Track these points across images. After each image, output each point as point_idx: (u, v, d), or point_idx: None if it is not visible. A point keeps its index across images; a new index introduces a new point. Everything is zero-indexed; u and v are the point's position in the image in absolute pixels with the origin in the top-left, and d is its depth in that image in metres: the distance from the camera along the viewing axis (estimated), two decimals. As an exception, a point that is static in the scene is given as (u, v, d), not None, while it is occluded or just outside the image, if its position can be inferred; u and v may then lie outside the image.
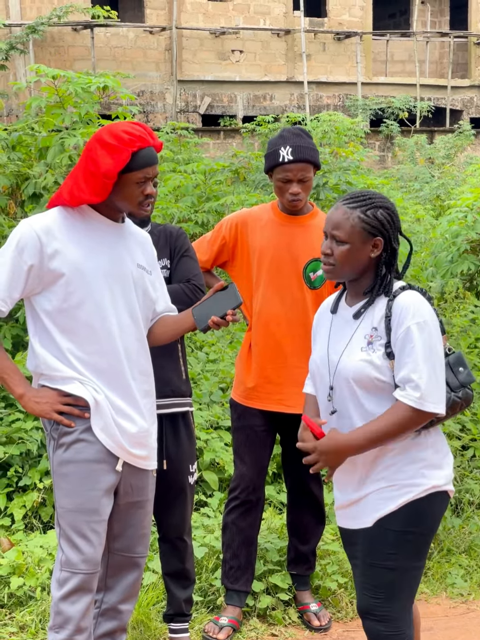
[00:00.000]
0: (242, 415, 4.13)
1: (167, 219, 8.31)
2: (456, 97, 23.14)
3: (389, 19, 25.94)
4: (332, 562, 4.55)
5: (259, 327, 4.06)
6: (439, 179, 14.74)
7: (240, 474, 4.13)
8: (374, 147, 19.84)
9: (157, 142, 3.04)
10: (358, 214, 2.87)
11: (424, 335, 2.78)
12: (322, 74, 21.91)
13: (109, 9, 12.17)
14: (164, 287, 3.31)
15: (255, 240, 4.05)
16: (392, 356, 2.82)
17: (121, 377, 3.05)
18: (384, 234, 2.88)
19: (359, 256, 2.89)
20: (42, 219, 3.03)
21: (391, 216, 2.90)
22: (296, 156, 3.94)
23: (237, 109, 21.14)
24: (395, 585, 2.87)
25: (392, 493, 2.85)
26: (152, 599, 4.11)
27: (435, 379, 2.79)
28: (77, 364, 3.00)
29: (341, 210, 2.90)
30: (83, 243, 3.01)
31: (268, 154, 4.04)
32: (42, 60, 18.42)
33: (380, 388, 2.84)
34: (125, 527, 3.17)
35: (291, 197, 3.98)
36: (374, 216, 2.87)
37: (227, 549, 4.15)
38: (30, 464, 4.98)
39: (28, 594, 4.14)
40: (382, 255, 2.91)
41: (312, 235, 4.06)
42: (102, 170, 2.93)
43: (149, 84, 20.31)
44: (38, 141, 7.04)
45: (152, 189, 3.04)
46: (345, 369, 2.87)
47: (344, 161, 11.13)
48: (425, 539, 2.91)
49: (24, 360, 5.39)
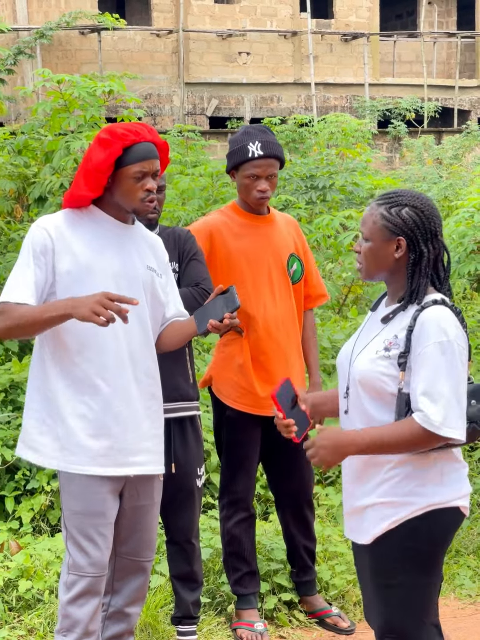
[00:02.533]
0: (244, 427, 4.05)
1: (174, 221, 8.32)
2: (464, 97, 23.11)
3: (396, 19, 25.94)
4: (340, 562, 4.54)
5: (261, 332, 4.00)
6: (446, 179, 14.71)
7: (245, 487, 4.10)
8: (382, 148, 19.83)
9: (157, 139, 3.03)
10: (381, 211, 2.74)
11: (445, 356, 2.62)
12: (329, 76, 21.92)
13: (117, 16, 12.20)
14: (175, 292, 3.28)
15: (234, 246, 3.97)
16: (403, 367, 2.68)
17: (124, 378, 3.03)
18: (407, 233, 2.72)
19: (382, 255, 2.76)
20: (50, 219, 3.05)
21: (419, 216, 2.72)
22: (266, 151, 3.89)
23: (244, 111, 21.16)
24: (405, 603, 2.75)
25: (387, 511, 2.72)
26: (160, 601, 4.12)
27: (455, 402, 2.62)
28: (83, 363, 2.99)
29: (370, 207, 2.81)
30: (91, 243, 3.01)
31: (234, 151, 3.95)
32: (49, 64, 18.48)
33: (384, 395, 2.72)
34: (132, 531, 3.16)
35: (259, 195, 3.92)
36: (397, 214, 2.72)
37: (237, 557, 4.12)
38: (38, 467, 4.98)
39: (36, 597, 4.15)
40: (409, 257, 2.74)
41: (283, 232, 4.07)
42: (94, 165, 2.94)
43: (156, 87, 20.35)
44: (44, 145, 7.06)
45: (152, 184, 3.00)
46: (356, 370, 2.78)
47: (350, 162, 11.13)
48: (430, 555, 2.74)
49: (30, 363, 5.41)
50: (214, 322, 2.95)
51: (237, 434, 4.06)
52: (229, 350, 4.06)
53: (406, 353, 2.67)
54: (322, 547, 4.60)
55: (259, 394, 4.01)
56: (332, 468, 2.74)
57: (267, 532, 4.69)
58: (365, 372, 2.74)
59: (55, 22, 17.87)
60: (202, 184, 9.70)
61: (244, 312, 3.95)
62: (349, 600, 4.36)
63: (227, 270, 3.97)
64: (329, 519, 5.03)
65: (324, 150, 11.62)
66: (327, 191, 10.20)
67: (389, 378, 2.70)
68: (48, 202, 6.64)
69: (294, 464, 4.16)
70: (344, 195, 10.32)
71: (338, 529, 4.87)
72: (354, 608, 4.33)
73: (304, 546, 4.24)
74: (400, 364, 2.68)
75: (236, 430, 4.07)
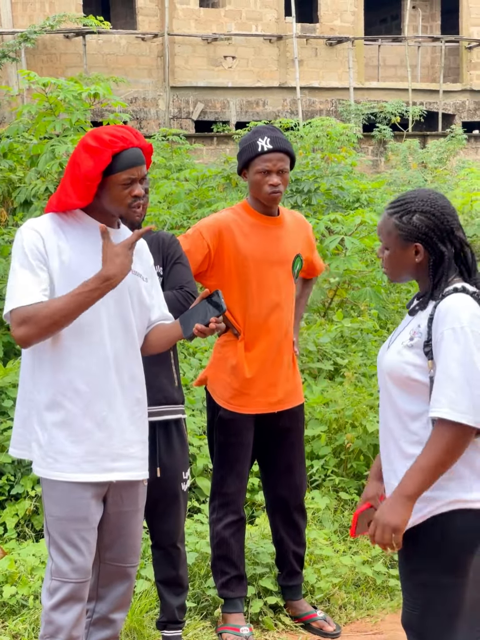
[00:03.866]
0: (237, 429, 4.05)
1: (159, 225, 8.31)
2: (448, 101, 23.19)
3: (381, 24, 26.02)
4: (325, 566, 4.54)
5: (259, 332, 4.01)
6: (431, 183, 14.75)
7: (237, 490, 4.10)
8: (367, 151, 19.87)
9: (143, 143, 3.01)
10: (393, 221, 2.79)
11: (458, 342, 2.64)
12: (315, 80, 21.95)
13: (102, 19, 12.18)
14: (160, 295, 3.28)
15: (243, 246, 3.98)
16: (430, 356, 2.70)
17: (109, 383, 3.02)
18: (422, 238, 2.76)
19: (403, 261, 2.81)
20: (38, 222, 3.03)
21: (431, 219, 2.76)
22: (275, 145, 3.91)
23: (230, 115, 21.17)
24: (429, 602, 2.72)
25: (417, 505, 2.68)
26: (145, 606, 4.11)
27: (468, 388, 2.61)
28: (68, 367, 2.97)
29: (383, 216, 2.85)
30: (76, 248, 3.00)
31: (244, 149, 3.97)
32: (34, 67, 18.43)
33: (412, 387, 2.73)
34: (116, 537, 3.14)
35: (270, 189, 3.92)
36: (408, 222, 2.76)
37: (225, 560, 4.11)
38: (23, 472, 4.97)
39: (21, 603, 4.13)
40: (430, 259, 2.78)
41: (292, 233, 4.10)
42: (83, 172, 2.92)
43: (141, 91, 20.33)
44: (29, 149, 7.04)
45: (140, 190, 3.00)
46: (384, 363, 2.82)
47: (336, 166, 11.15)
48: (456, 554, 2.70)
49: (16, 367, 5.39)
50: (200, 326, 2.94)
51: (229, 436, 4.06)
52: (224, 351, 4.08)
53: (429, 341, 2.71)
54: (308, 551, 4.59)
55: (253, 394, 4.02)
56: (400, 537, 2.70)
57: (253, 536, 4.69)
58: (392, 363, 2.78)
59: (40, 25, 17.81)
60: (187, 188, 9.69)
61: (246, 312, 3.99)
62: (334, 604, 4.36)
63: (235, 270, 3.98)
64: (315, 522, 5.03)
65: (309, 154, 11.63)
66: (312, 195, 10.21)
67: (414, 367, 2.73)
68: (33, 206, 6.63)
69: (287, 468, 4.17)
70: (329, 199, 10.33)
71: (324, 532, 4.87)
72: (340, 611, 4.33)
73: (293, 551, 4.24)
74: (426, 352, 2.71)
75: (228, 431, 4.07)
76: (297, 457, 4.22)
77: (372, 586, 4.54)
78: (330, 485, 5.36)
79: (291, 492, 4.21)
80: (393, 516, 2.66)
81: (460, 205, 7.69)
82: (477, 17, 23.72)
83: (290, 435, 4.17)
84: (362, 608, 4.38)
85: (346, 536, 4.94)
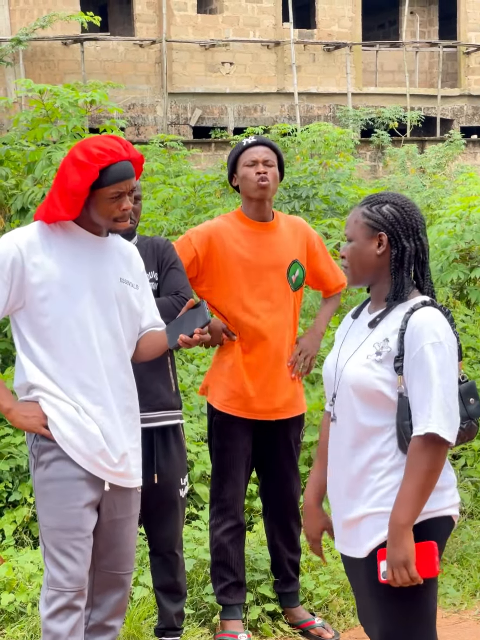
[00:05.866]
0: (233, 433, 4.03)
1: (156, 231, 8.32)
2: (446, 106, 23.21)
3: (378, 29, 26.05)
4: (324, 572, 4.53)
5: (255, 337, 4.00)
6: (429, 188, 14.76)
7: (233, 496, 4.08)
8: (365, 157, 19.88)
9: (133, 154, 2.99)
10: (362, 210, 2.79)
11: (437, 357, 2.62)
12: (312, 85, 21.97)
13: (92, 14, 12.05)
14: (152, 302, 3.27)
15: (233, 252, 3.98)
16: (400, 371, 2.67)
17: (104, 393, 3.03)
18: (388, 228, 2.75)
19: (365, 252, 2.77)
20: (23, 233, 3.01)
21: (400, 212, 2.76)
22: (259, 139, 3.99)
23: (227, 120, 21.18)
24: (405, 613, 2.71)
25: (381, 521, 2.67)
26: (143, 613, 4.10)
27: (445, 404, 2.60)
28: (61, 379, 2.98)
29: (353, 209, 2.85)
30: (64, 257, 2.99)
31: (230, 154, 4.05)
32: (32, 74, 18.45)
33: (378, 400, 2.70)
34: (110, 545, 3.14)
35: (257, 177, 3.92)
36: (377, 210, 2.76)
37: (224, 567, 4.10)
38: (21, 479, 4.97)
39: (19, 610, 4.13)
40: (392, 253, 2.76)
41: (287, 238, 4.08)
42: (70, 187, 2.91)
43: (139, 97, 20.35)
44: (26, 155, 7.04)
45: (129, 204, 2.99)
46: (347, 376, 2.76)
47: (334, 172, 11.15)
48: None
49: (13, 374, 5.39)
50: (184, 336, 2.94)
51: (225, 440, 4.05)
52: (222, 354, 4.09)
53: (401, 357, 2.67)
54: (306, 557, 4.59)
55: (249, 396, 4.00)
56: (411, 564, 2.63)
57: (251, 543, 4.69)
58: (358, 377, 2.72)
59: (31, 26, 17.76)
60: (185, 193, 9.69)
61: (236, 318, 3.98)
62: (332, 610, 4.35)
63: (224, 276, 3.98)
64: (313, 528, 5.01)
65: (307, 160, 11.63)
66: (310, 201, 10.21)
67: (383, 382, 2.69)
68: (30, 212, 6.63)
69: (283, 475, 4.16)
70: (327, 205, 10.34)
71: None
72: (338, 618, 4.33)
73: (288, 558, 4.23)
74: (396, 368, 2.68)
75: (224, 435, 4.06)
76: (294, 465, 4.21)
77: (371, 592, 4.52)
78: (328, 491, 5.35)
79: (287, 499, 4.20)
80: (400, 553, 2.61)
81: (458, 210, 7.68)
82: (474, 23, 23.75)
83: (288, 444, 4.16)
84: (361, 614, 4.37)
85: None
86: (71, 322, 2.98)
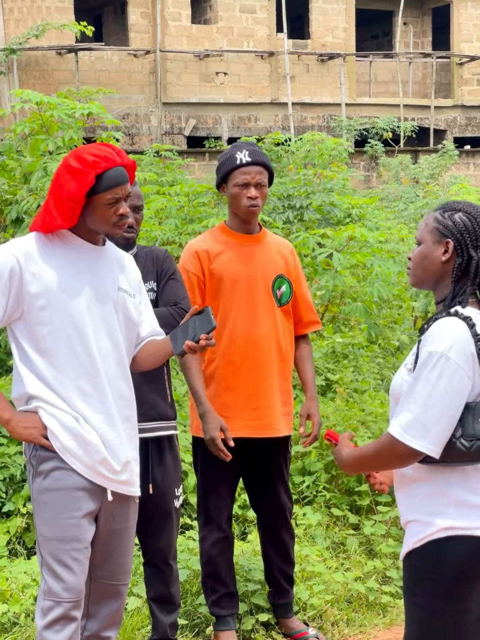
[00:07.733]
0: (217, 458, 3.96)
1: (150, 241, 8.32)
2: (439, 117, 23.30)
3: (372, 40, 26.17)
4: (318, 582, 4.53)
5: (235, 351, 3.96)
6: (423, 198, 14.80)
7: (217, 509, 4.07)
8: (359, 167, 19.94)
9: (126, 160, 3.01)
10: (435, 215, 2.78)
11: (428, 366, 2.60)
12: (306, 95, 22.04)
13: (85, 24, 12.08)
14: (150, 311, 3.27)
15: (219, 265, 3.96)
16: None
17: (105, 401, 3.04)
18: (456, 236, 2.71)
19: (430, 257, 2.75)
20: (21, 243, 3.02)
21: (471, 221, 2.72)
22: (254, 158, 3.92)
23: (222, 130, 21.23)
24: (423, 625, 2.67)
25: (416, 528, 2.68)
26: (137, 623, 4.09)
27: (429, 412, 2.57)
28: (61, 388, 2.98)
29: (426, 214, 2.85)
30: (62, 267, 3.00)
31: (222, 162, 4.00)
32: (27, 84, 18.48)
33: None
34: (107, 555, 3.14)
35: (249, 202, 3.92)
36: (449, 217, 2.74)
37: (214, 578, 4.10)
38: (14, 489, 4.96)
39: (12, 620, 4.12)
40: (456, 261, 2.71)
41: (272, 252, 4.06)
42: (66, 195, 2.93)
43: (133, 107, 20.39)
44: (24, 166, 7.05)
45: (125, 209, 3.01)
46: (392, 385, 2.82)
47: (327, 182, 11.18)
48: (452, 582, 2.62)
49: (8, 384, 5.39)
50: (190, 342, 2.94)
51: (210, 456, 3.97)
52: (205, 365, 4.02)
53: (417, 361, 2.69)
54: (300, 567, 4.59)
55: (231, 412, 3.95)
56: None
57: (245, 553, 4.68)
58: (394, 384, 2.79)
59: (24, 35, 17.80)
60: (179, 203, 9.70)
61: (223, 328, 3.92)
62: (326, 620, 4.35)
63: (209, 286, 3.96)
64: (307, 538, 5.03)
65: (300, 170, 11.66)
66: (304, 211, 10.23)
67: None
68: (25, 222, 6.63)
69: (271, 488, 4.15)
70: (321, 215, 10.36)
71: (316, 548, 4.86)
72: (332, 628, 4.32)
73: (280, 569, 4.22)
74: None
75: (209, 452, 4.00)
76: (283, 478, 4.19)
77: (365, 603, 4.53)
78: (321, 501, 5.36)
79: (278, 512, 4.18)
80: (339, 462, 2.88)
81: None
82: (467, 34, 23.87)
83: (276, 458, 4.14)
84: (355, 625, 4.37)
85: (338, 553, 4.93)
86: (70, 331, 2.98)
